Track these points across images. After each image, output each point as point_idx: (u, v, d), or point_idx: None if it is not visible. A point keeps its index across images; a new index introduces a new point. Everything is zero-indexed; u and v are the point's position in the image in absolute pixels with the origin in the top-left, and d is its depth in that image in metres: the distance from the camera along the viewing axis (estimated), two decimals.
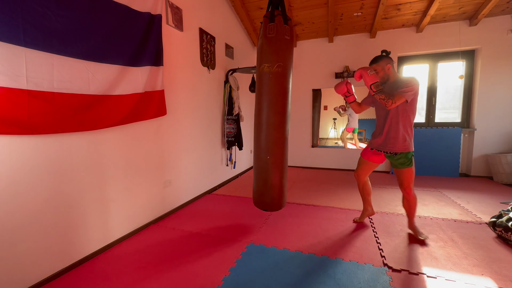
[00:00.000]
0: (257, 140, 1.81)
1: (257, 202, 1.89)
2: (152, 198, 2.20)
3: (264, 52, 1.73)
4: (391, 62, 1.81)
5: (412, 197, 1.83)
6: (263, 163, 1.79)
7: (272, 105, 1.75)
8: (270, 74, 1.72)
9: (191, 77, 2.71)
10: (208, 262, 1.61)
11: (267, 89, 1.75)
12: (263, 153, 1.78)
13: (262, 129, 1.77)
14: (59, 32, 1.37)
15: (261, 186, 1.82)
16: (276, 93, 1.74)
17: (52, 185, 1.44)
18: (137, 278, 1.46)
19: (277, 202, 1.83)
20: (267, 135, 1.77)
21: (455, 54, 3.80)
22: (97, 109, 1.61)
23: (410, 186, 1.80)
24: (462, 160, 3.91)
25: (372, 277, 1.43)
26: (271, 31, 1.70)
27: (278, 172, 1.78)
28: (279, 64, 1.71)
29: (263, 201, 1.83)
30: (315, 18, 3.84)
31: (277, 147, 1.77)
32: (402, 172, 1.80)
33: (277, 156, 1.78)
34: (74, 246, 1.57)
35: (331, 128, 6.24)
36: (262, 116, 1.76)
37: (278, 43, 1.71)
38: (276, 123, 1.75)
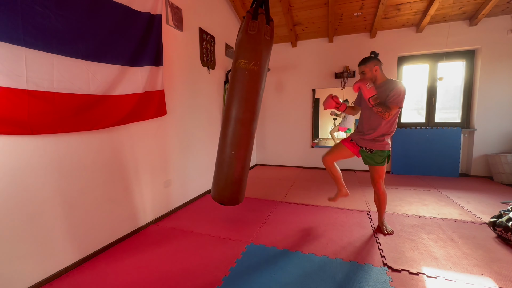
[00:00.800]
0: (224, 135, 1.77)
1: (217, 195, 1.81)
2: (152, 198, 2.20)
3: (243, 48, 1.71)
4: (379, 64, 1.83)
5: (382, 192, 1.93)
6: (226, 158, 1.77)
7: (243, 102, 1.71)
8: (246, 70, 1.69)
9: (191, 77, 2.72)
10: (208, 262, 1.61)
11: (240, 85, 1.71)
12: (228, 148, 1.75)
13: (230, 124, 1.74)
14: (59, 32, 1.37)
15: (222, 180, 1.79)
16: (248, 91, 1.71)
17: (52, 185, 1.44)
18: (137, 278, 1.46)
19: (236, 197, 1.78)
20: (234, 130, 1.74)
21: (455, 54, 3.80)
22: (97, 109, 1.61)
23: (380, 182, 1.92)
24: (462, 160, 3.90)
25: (372, 277, 1.43)
26: (252, 28, 1.69)
27: (241, 167, 1.77)
28: (255, 62, 1.70)
29: (223, 195, 1.77)
30: (315, 18, 3.84)
31: (243, 143, 1.75)
32: (374, 169, 1.91)
33: (242, 151, 1.76)
34: (74, 246, 1.57)
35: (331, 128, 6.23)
36: (232, 112, 1.73)
37: (258, 41, 1.70)
38: (246, 120, 1.72)
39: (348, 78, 4.19)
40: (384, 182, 1.94)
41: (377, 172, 1.89)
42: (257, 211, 2.48)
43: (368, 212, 2.40)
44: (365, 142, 1.90)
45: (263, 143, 4.95)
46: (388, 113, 1.71)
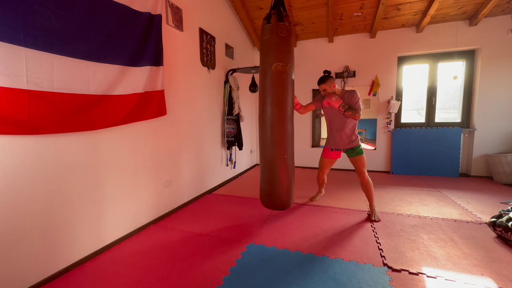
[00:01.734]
0: (276, 139, 1.82)
1: (272, 203, 1.90)
2: (152, 198, 2.20)
3: (277, 51, 1.73)
4: (334, 80, 2.26)
5: (366, 180, 2.24)
6: (285, 161, 1.83)
7: (283, 104, 1.79)
8: (284, 73, 1.74)
9: (191, 77, 2.72)
10: (208, 262, 1.61)
11: (283, 88, 1.76)
12: (282, 153, 1.82)
13: (274, 127, 1.79)
14: (59, 32, 1.37)
15: (283, 184, 1.86)
16: (289, 92, 1.82)
17: (52, 185, 1.44)
18: (137, 279, 1.46)
19: (288, 200, 1.92)
20: (284, 133, 1.81)
21: (455, 54, 3.80)
22: (97, 109, 1.61)
23: (364, 171, 2.24)
24: (462, 160, 3.91)
25: (372, 277, 1.43)
26: (282, 30, 1.71)
27: (291, 168, 1.89)
28: (291, 64, 1.77)
29: (278, 200, 1.87)
30: (315, 18, 3.84)
31: (290, 147, 1.89)
32: (357, 160, 2.26)
33: (290, 154, 1.90)
34: (74, 246, 1.57)
35: None
36: (275, 115, 1.79)
37: (289, 43, 1.76)
38: (289, 120, 1.85)
39: (348, 78, 4.19)
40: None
41: (360, 162, 2.24)
42: (257, 211, 2.48)
43: (368, 212, 2.40)
44: (345, 145, 2.30)
45: None
46: (358, 114, 2.11)
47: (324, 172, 2.60)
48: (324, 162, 2.53)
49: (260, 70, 1.83)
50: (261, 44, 1.78)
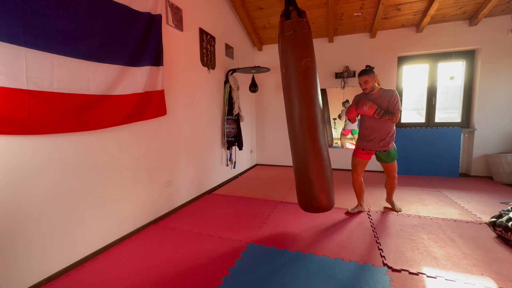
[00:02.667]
0: (309, 138, 1.69)
1: (317, 206, 1.76)
2: (152, 198, 2.20)
3: (305, 46, 1.70)
4: (375, 75, 2.17)
5: (395, 182, 2.31)
6: (323, 161, 1.71)
7: (315, 99, 1.71)
8: (313, 69, 1.71)
9: (191, 77, 2.71)
10: (208, 262, 1.61)
11: (314, 83, 1.71)
12: (321, 150, 1.69)
13: (309, 124, 1.68)
14: (59, 32, 1.37)
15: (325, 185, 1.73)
16: (318, 87, 1.78)
17: (52, 185, 1.44)
18: (137, 279, 1.46)
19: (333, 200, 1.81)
20: (321, 130, 1.71)
21: (455, 54, 3.80)
22: (97, 109, 1.61)
23: (395, 175, 2.28)
24: (462, 160, 3.91)
25: (372, 277, 1.43)
26: (305, 26, 1.71)
27: (329, 165, 1.82)
28: (313, 59, 1.73)
29: (323, 200, 1.74)
30: (315, 18, 3.83)
31: (324, 140, 1.77)
32: (391, 165, 2.23)
33: (327, 152, 1.80)
34: (74, 246, 1.57)
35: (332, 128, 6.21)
36: (315, 111, 1.68)
37: (311, 39, 1.75)
38: (317, 116, 1.72)
39: (348, 78, 4.19)
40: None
41: (393, 167, 2.22)
42: (257, 211, 2.48)
43: (368, 212, 2.40)
44: (379, 147, 2.18)
45: (263, 143, 4.95)
46: (396, 117, 2.04)
47: (359, 173, 2.31)
48: (356, 161, 2.32)
49: (283, 69, 1.75)
50: (283, 41, 1.73)
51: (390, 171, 2.24)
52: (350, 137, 5.32)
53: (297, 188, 1.86)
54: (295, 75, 1.69)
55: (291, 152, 1.85)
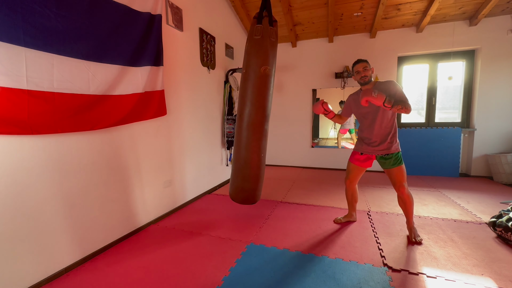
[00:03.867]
0: (255, 139, 1.87)
1: (247, 198, 1.98)
2: (152, 198, 2.20)
3: (267, 55, 1.75)
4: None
5: (406, 195, 1.82)
6: (260, 160, 1.89)
7: (265, 105, 1.84)
8: (269, 77, 1.78)
9: (191, 77, 2.71)
10: (208, 262, 1.61)
11: (268, 89, 1.79)
12: (259, 151, 1.88)
13: (256, 127, 1.85)
14: (59, 32, 1.37)
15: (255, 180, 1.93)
16: (271, 94, 1.87)
17: (52, 185, 1.44)
18: (137, 278, 1.46)
19: (259, 195, 2.03)
20: (262, 133, 1.87)
21: (455, 54, 3.80)
22: (97, 109, 1.61)
23: (403, 184, 1.81)
24: (462, 160, 3.90)
25: (372, 277, 1.43)
26: (272, 35, 1.74)
27: (256, 167, 1.93)
28: (269, 68, 1.81)
29: (252, 195, 1.96)
30: (315, 18, 3.84)
31: (265, 146, 1.96)
32: (393, 171, 1.82)
33: (265, 153, 1.97)
34: (74, 246, 1.57)
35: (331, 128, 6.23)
36: (264, 115, 1.85)
37: (276, 48, 1.80)
38: (265, 121, 1.88)
39: (348, 78, 4.19)
40: (407, 183, 1.84)
41: (399, 173, 1.80)
42: (257, 211, 2.48)
43: (368, 212, 2.40)
44: (379, 150, 1.85)
45: None
46: (409, 105, 1.61)
47: (352, 180, 2.05)
48: (351, 167, 2.04)
49: (244, 69, 1.83)
50: (250, 43, 1.78)
51: (396, 179, 1.81)
52: (347, 136, 5.31)
53: (231, 180, 2.02)
54: (253, 79, 1.78)
55: (234, 148, 2.01)
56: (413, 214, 1.88)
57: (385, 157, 1.85)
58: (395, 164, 1.81)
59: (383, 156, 1.86)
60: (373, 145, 1.88)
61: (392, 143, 1.83)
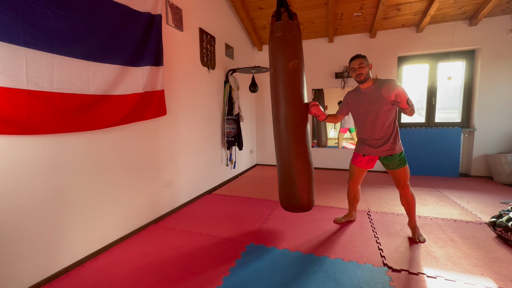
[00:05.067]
0: (299, 139, 1.71)
1: (297, 205, 1.78)
2: (152, 198, 2.20)
3: (293, 48, 1.72)
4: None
5: (410, 194, 1.82)
6: (307, 162, 1.72)
7: (302, 102, 1.74)
8: (300, 71, 1.74)
9: (191, 77, 2.71)
10: (208, 262, 1.61)
11: (301, 84, 1.74)
12: (304, 151, 1.71)
13: (295, 125, 1.70)
14: (59, 32, 1.37)
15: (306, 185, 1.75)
16: (304, 89, 1.79)
17: (51, 185, 1.44)
18: (137, 279, 1.46)
19: (313, 201, 1.81)
20: (304, 132, 1.72)
21: (455, 54, 3.80)
22: (97, 109, 1.61)
23: (407, 183, 1.81)
24: (462, 160, 3.91)
25: (372, 277, 1.43)
26: (295, 28, 1.72)
27: (310, 166, 1.78)
28: (301, 61, 1.76)
29: (306, 200, 1.76)
30: (315, 18, 3.84)
31: (310, 145, 1.79)
32: (398, 172, 1.80)
33: (311, 154, 1.80)
34: (74, 246, 1.57)
35: (331, 128, 6.22)
36: (301, 113, 1.72)
37: (301, 41, 1.77)
38: (304, 118, 1.75)
39: (348, 78, 4.19)
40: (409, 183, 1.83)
41: (403, 174, 1.79)
42: (257, 211, 2.48)
43: (368, 212, 2.40)
44: (383, 151, 1.81)
45: (263, 143, 4.95)
46: (414, 109, 1.60)
47: (355, 181, 2.03)
48: (354, 169, 2.02)
49: (272, 67, 1.76)
50: (273, 42, 1.75)
51: (399, 179, 1.80)
52: (347, 136, 5.31)
53: (279, 187, 1.85)
54: (283, 77, 1.70)
55: (276, 152, 1.83)
56: (415, 213, 1.87)
57: (388, 158, 1.81)
58: (400, 165, 1.78)
59: (387, 157, 1.82)
60: (375, 146, 1.83)
61: (395, 143, 1.78)
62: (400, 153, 1.79)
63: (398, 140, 1.80)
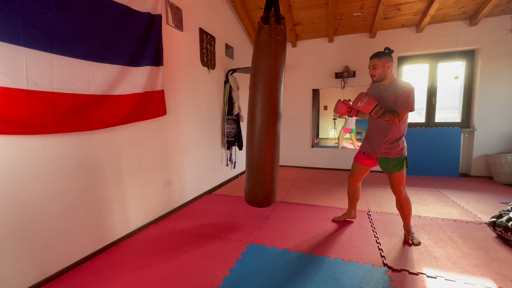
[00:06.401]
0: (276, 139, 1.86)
1: (260, 200, 1.83)
2: (152, 198, 2.20)
3: (275, 53, 1.71)
4: (392, 61, 1.76)
5: (404, 199, 1.81)
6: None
7: (276, 104, 1.80)
8: (278, 75, 1.75)
9: (191, 77, 2.71)
10: (208, 262, 1.61)
11: (277, 91, 1.77)
12: (271, 151, 1.85)
13: (268, 127, 1.80)
14: (59, 32, 1.37)
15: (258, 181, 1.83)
16: (281, 93, 1.82)
17: (51, 185, 1.44)
18: (137, 278, 1.46)
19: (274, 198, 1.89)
20: (275, 134, 1.86)
21: (455, 54, 3.80)
22: (97, 109, 1.61)
23: (401, 188, 1.80)
24: (462, 160, 3.90)
25: (372, 277, 1.43)
26: (280, 33, 1.71)
27: (270, 166, 1.86)
28: (284, 68, 1.77)
29: (267, 196, 1.82)
30: (315, 18, 3.84)
31: (279, 146, 1.93)
32: (392, 175, 1.80)
33: (278, 154, 1.93)
34: (74, 246, 1.57)
35: (331, 128, 6.24)
36: (276, 114, 1.81)
37: (285, 46, 1.76)
38: (277, 120, 1.86)
39: (348, 78, 4.19)
40: (405, 187, 1.83)
41: (396, 179, 1.78)
42: (257, 211, 2.47)
43: (368, 212, 2.40)
44: (378, 153, 1.83)
45: None
46: (398, 119, 1.63)
47: (355, 178, 2.05)
48: (355, 166, 2.04)
49: (252, 69, 1.81)
50: (257, 44, 1.77)
51: (394, 182, 1.80)
52: (347, 136, 5.32)
53: (247, 182, 1.89)
54: (261, 80, 1.72)
55: (246, 149, 1.90)
56: (410, 218, 1.86)
57: (384, 160, 1.81)
58: (394, 169, 1.77)
59: (383, 159, 1.82)
60: (373, 146, 1.86)
61: (392, 148, 1.76)
62: (395, 158, 1.76)
63: (397, 146, 1.75)
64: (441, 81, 3.97)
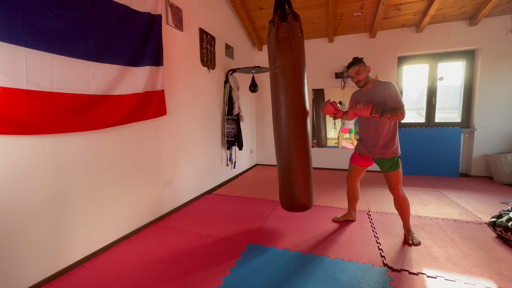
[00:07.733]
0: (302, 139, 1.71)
1: (295, 205, 1.78)
2: (152, 198, 2.20)
3: (298, 52, 1.69)
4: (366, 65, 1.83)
5: (402, 198, 1.83)
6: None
7: (300, 105, 1.73)
8: (302, 73, 1.70)
9: (191, 77, 2.72)
10: (208, 262, 1.61)
11: (302, 87, 1.72)
12: (305, 151, 1.72)
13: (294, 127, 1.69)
14: (59, 32, 1.37)
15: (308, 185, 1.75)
16: (304, 92, 1.76)
17: (51, 185, 1.44)
18: (137, 279, 1.46)
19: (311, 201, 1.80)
20: (304, 133, 1.72)
21: (455, 54, 3.80)
22: (97, 109, 1.61)
23: (398, 188, 1.82)
24: (462, 160, 3.90)
25: (372, 277, 1.43)
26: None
27: (307, 168, 1.75)
28: (299, 62, 1.72)
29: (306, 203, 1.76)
30: (315, 18, 3.84)
31: (310, 146, 1.79)
32: (389, 175, 1.83)
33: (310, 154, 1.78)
34: (74, 246, 1.57)
35: (331, 128, 6.22)
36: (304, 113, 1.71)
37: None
38: (305, 119, 1.74)
39: (348, 78, 4.19)
40: (402, 186, 1.83)
41: (393, 178, 1.81)
42: (257, 211, 2.48)
43: (368, 212, 2.40)
44: (374, 154, 1.86)
45: (263, 143, 4.95)
46: (400, 113, 1.64)
47: (353, 179, 2.07)
48: (351, 167, 2.07)
49: (275, 67, 1.73)
50: (278, 42, 1.71)
51: (391, 182, 1.83)
52: (347, 136, 5.31)
53: (280, 187, 1.86)
54: (285, 78, 1.69)
55: (276, 152, 1.83)
56: (409, 217, 1.87)
57: (381, 160, 1.85)
58: (390, 169, 1.81)
59: (379, 159, 1.86)
60: (369, 147, 1.90)
61: (387, 148, 1.81)
62: (390, 158, 1.80)
63: (392, 146, 1.80)
64: (441, 81, 3.96)
